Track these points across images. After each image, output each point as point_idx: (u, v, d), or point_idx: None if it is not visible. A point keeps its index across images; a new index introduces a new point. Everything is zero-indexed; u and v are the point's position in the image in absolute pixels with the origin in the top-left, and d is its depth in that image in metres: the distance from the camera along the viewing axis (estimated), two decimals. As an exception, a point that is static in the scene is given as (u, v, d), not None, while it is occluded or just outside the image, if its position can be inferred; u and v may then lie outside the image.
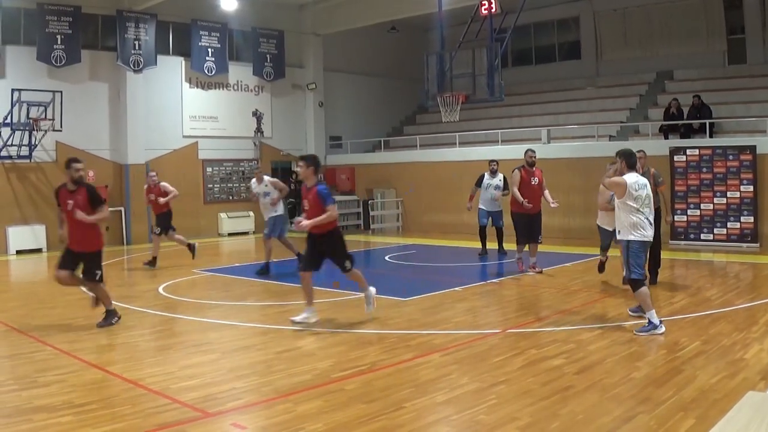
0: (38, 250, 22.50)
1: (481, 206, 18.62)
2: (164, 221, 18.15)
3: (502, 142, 25.13)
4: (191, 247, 18.49)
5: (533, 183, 15.02)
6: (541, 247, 15.65)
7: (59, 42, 23.15)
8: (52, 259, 20.53)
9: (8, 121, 21.89)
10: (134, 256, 21.52)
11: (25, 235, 22.51)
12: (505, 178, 18.11)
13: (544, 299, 12.61)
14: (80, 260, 10.78)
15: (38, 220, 22.75)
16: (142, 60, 24.91)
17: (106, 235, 24.04)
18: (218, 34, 27.03)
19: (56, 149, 23.30)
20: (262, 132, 28.90)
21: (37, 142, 22.53)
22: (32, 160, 22.71)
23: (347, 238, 11.60)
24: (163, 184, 18.19)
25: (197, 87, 26.99)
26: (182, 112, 26.57)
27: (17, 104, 21.87)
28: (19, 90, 21.90)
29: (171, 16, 26.11)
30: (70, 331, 10.78)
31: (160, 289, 14.41)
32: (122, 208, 24.72)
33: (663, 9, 27.29)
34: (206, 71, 26.84)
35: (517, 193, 14.95)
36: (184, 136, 26.59)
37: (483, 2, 20.06)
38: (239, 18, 26.99)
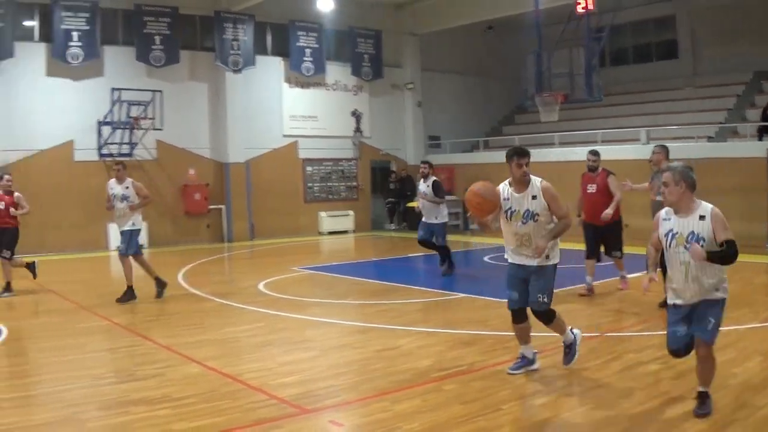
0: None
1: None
2: (12, 240, 14.35)
3: (602, 143, 24.62)
4: (30, 266, 14.92)
5: (589, 191, 13.12)
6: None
7: (158, 42, 23.62)
8: (153, 255, 21.01)
9: (108, 119, 22.48)
10: (235, 253, 21.84)
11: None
12: (436, 183, 15.63)
13: (642, 303, 12.18)
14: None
15: (139, 216, 23.22)
16: (241, 60, 25.23)
17: (207, 232, 24.68)
18: (315, 35, 27.20)
19: (157, 148, 23.82)
20: (361, 131, 28.99)
21: (137, 141, 23.06)
22: (133, 158, 23.23)
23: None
24: (17, 195, 14.41)
25: (296, 87, 27.23)
26: (282, 111, 26.84)
27: (117, 103, 22.44)
28: (119, 89, 22.47)
29: (268, 17, 26.40)
30: (169, 326, 11.00)
31: (261, 286, 14.54)
32: (223, 206, 25.08)
33: (759, 6, 26.35)
34: (304, 71, 27.05)
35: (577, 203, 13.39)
36: (284, 136, 26.85)
37: (579, 1, 19.78)
38: (336, 18, 27.06)
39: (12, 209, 14.01)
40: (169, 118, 23.38)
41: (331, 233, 27.22)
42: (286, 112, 26.92)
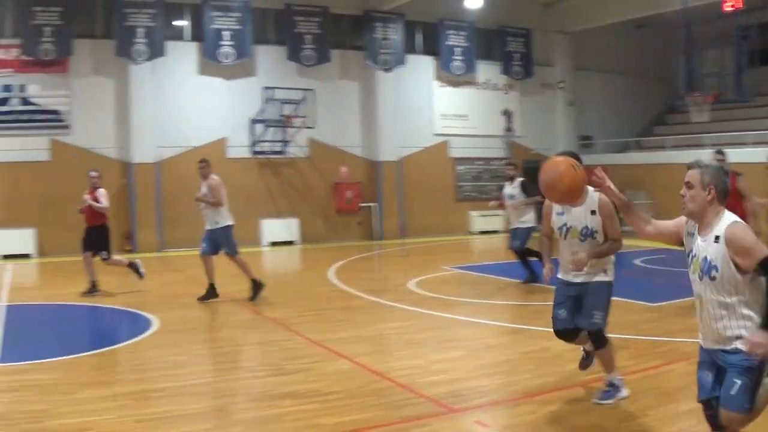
0: (290, 242, 23.58)
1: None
2: (104, 238, 13.87)
3: (753, 144, 23.48)
4: (134, 266, 14.23)
5: None
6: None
7: (308, 42, 24.23)
8: (305, 252, 21.53)
9: (261, 118, 23.16)
10: (386, 251, 22.07)
11: (278, 228, 23.66)
12: (524, 183, 14.60)
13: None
14: None
15: (291, 213, 23.85)
16: (391, 59, 25.54)
17: (358, 230, 25.03)
18: (465, 33, 27.23)
19: (309, 146, 24.35)
20: (513, 131, 28.79)
21: (290, 139, 23.65)
22: (286, 156, 23.80)
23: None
24: (101, 190, 13.77)
25: (447, 85, 27.30)
26: (432, 110, 26.99)
27: (269, 102, 23.10)
28: (272, 88, 23.11)
29: (418, 16, 26.62)
30: (319, 321, 11.17)
31: (411, 284, 14.63)
32: (374, 204, 25.38)
33: None
34: (455, 70, 27.09)
35: None
36: (435, 135, 26.99)
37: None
38: (485, 17, 27.04)
39: (88, 198, 13.58)
40: (321, 117, 23.98)
41: (482, 233, 27.16)
42: (437, 111, 27.08)
